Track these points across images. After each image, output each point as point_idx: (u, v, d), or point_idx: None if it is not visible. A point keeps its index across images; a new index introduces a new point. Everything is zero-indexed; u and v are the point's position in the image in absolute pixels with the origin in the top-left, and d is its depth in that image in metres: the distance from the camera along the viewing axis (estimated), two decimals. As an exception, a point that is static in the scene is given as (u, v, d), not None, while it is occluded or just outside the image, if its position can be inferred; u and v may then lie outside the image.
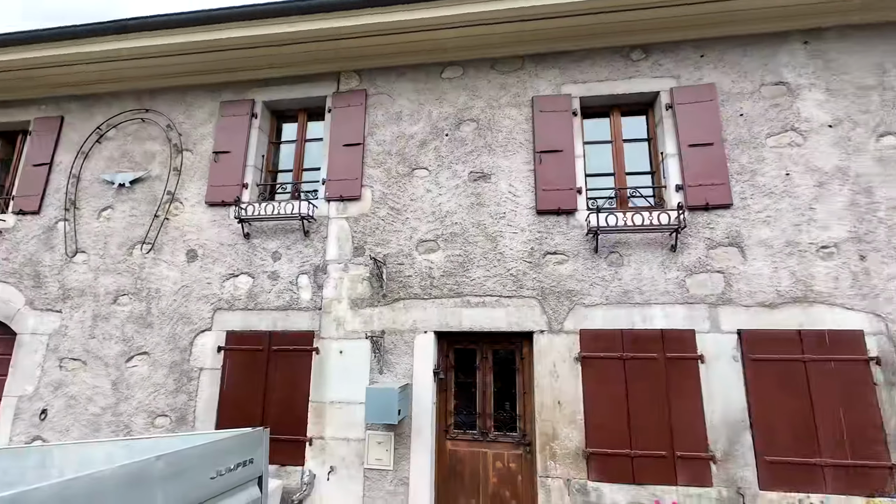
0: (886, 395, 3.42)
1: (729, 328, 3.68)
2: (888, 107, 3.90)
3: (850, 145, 3.89)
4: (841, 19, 4.07)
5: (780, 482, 3.38)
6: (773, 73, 4.13)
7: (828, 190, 3.84)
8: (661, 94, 4.25)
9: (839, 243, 3.73)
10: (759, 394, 3.55)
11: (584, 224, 4.03)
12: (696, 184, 3.95)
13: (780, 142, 3.98)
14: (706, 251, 3.84)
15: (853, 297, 3.61)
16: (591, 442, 3.64)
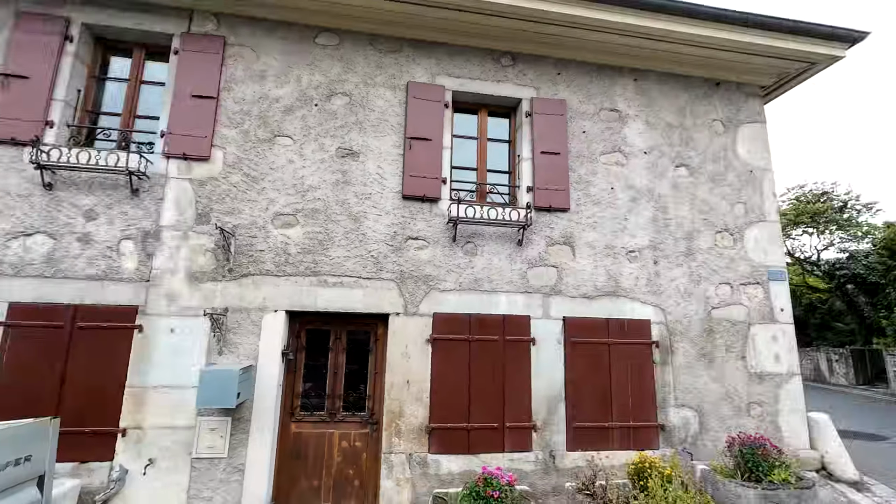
0: (660, 371, 4.35)
1: (557, 315, 4.26)
2: (683, 143, 4.90)
3: (656, 170, 4.79)
4: (659, 66, 4.95)
5: (582, 443, 4.06)
6: (610, 101, 4.85)
7: (638, 205, 4.67)
8: (522, 102, 4.65)
9: (642, 249, 4.58)
10: (573, 371, 4.19)
11: (446, 213, 4.22)
12: (544, 187, 4.45)
13: (609, 160, 4.70)
14: (545, 247, 4.37)
15: (647, 294, 4.49)
16: (434, 418, 3.88)
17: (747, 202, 4.91)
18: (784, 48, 4.62)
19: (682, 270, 4.61)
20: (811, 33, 4.55)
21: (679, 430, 4.28)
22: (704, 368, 4.45)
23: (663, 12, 4.33)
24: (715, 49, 4.69)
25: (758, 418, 4.46)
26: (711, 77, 5.08)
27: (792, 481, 3.27)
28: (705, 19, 4.42)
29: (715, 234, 4.77)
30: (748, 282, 4.73)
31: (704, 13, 4.37)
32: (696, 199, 4.80)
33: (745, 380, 4.51)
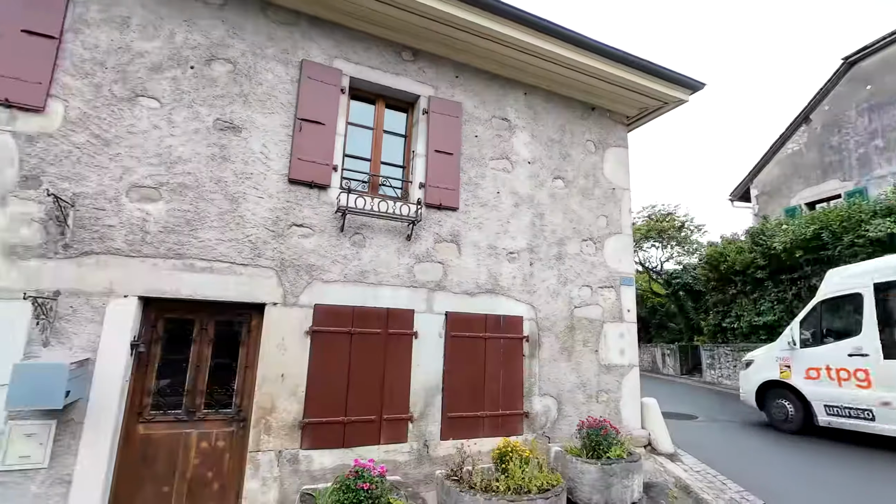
0: (528, 363, 4.76)
1: (440, 310, 4.40)
2: (561, 158, 5.41)
3: (537, 180, 5.22)
4: (546, 85, 5.40)
5: (455, 432, 4.26)
6: (502, 110, 5.15)
7: (520, 210, 5.04)
8: (421, 99, 4.70)
9: (520, 251, 4.96)
10: (452, 364, 4.38)
11: (334, 202, 4.08)
12: (435, 185, 4.56)
13: (497, 165, 5.00)
14: (433, 244, 4.48)
15: (522, 292, 4.87)
16: (309, 412, 3.74)
17: (609, 216, 5.61)
18: (644, 85, 5.36)
19: (552, 272, 5.10)
20: (663, 76, 5.36)
21: (541, 417, 4.74)
22: (565, 361, 4.98)
23: (546, 32, 4.70)
24: (592, 77, 5.25)
25: (604, 404, 5.14)
26: (588, 102, 5.70)
27: (625, 456, 3.83)
28: (585, 48, 4.92)
29: (581, 242, 5.36)
30: (605, 285, 5.41)
31: (585, 43, 4.88)
32: (568, 209, 5.34)
33: (597, 371, 5.16)
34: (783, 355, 7.09)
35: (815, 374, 6.56)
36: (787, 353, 7.03)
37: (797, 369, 6.83)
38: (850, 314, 6.53)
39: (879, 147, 13.93)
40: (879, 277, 6.17)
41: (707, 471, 4.79)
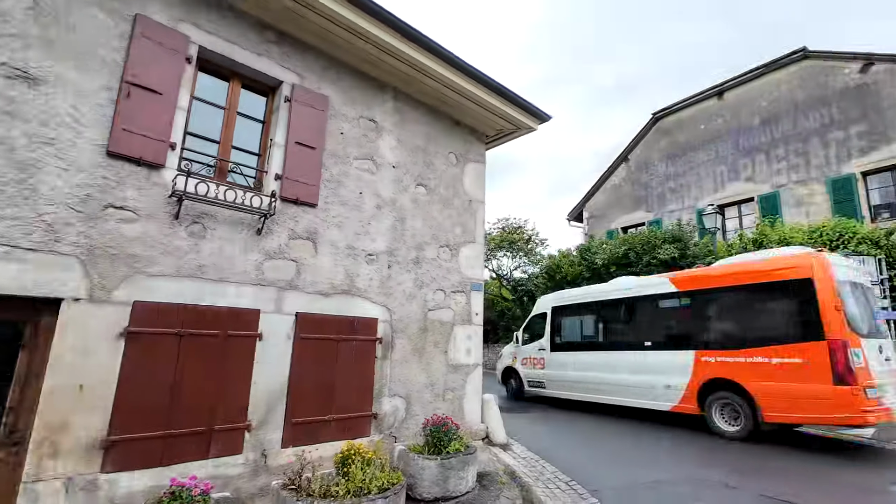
0: (380, 365, 4.80)
1: (290, 311, 4.17)
2: (426, 166, 5.62)
3: (401, 185, 5.32)
4: (415, 93, 5.56)
5: (299, 439, 4.06)
6: (370, 111, 5.13)
7: (382, 213, 5.08)
8: (283, 85, 4.41)
9: (379, 254, 4.99)
10: (300, 367, 4.17)
11: (169, 184, 3.56)
12: (294, 179, 4.31)
13: (362, 166, 4.96)
14: (287, 240, 4.23)
15: (378, 294, 4.90)
16: (117, 428, 3.17)
17: (465, 225, 6.01)
18: (501, 109, 5.89)
19: (410, 276, 5.25)
20: (518, 104, 5.97)
21: (389, 417, 4.81)
22: (416, 362, 5.16)
23: (412, 39, 4.78)
24: (456, 92, 5.55)
25: (450, 402, 5.46)
26: (453, 116, 6.04)
27: (462, 450, 4.12)
28: (450, 64, 5.15)
29: (439, 248, 5.63)
30: (457, 290, 5.77)
31: (451, 59, 5.09)
32: (429, 216, 5.56)
33: (445, 370, 5.46)
34: (513, 350, 10.86)
35: (525, 362, 10.36)
36: (515, 349, 10.81)
37: (519, 359, 10.61)
38: (541, 325, 10.19)
39: (672, 188, 17.61)
40: (555, 303, 9.99)
41: (532, 457, 5.43)
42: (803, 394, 5.73)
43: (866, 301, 6.31)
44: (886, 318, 8.60)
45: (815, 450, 5.89)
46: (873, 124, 12.55)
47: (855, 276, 6.34)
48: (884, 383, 5.66)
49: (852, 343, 5.55)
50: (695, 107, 17.14)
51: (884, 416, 5.47)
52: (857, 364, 5.47)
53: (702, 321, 7.14)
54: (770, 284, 6.41)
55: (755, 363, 6.26)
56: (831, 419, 5.66)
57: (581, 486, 4.38)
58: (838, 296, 5.72)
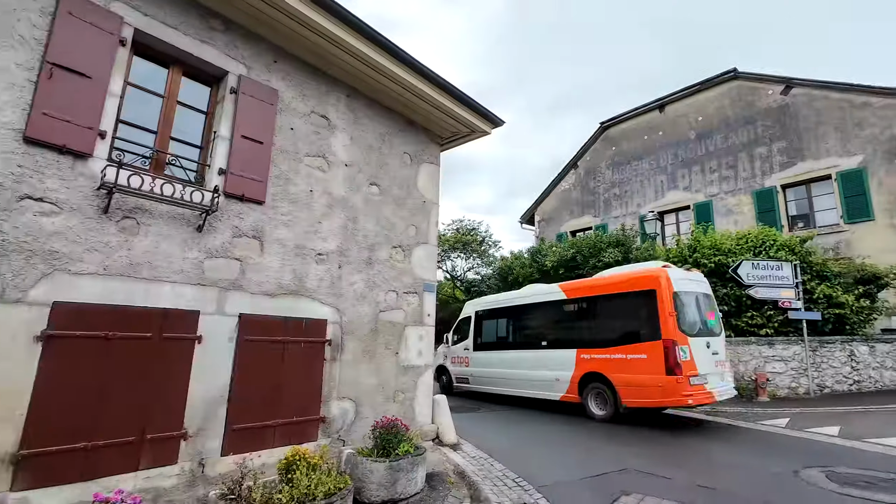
0: (329, 367, 4.69)
1: (233, 312, 3.98)
2: (379, 166, 5.57)
3: (354, 184, 5.24)
4: (370, 92, 5.50)
5: (241, 446, 3.88)
6: (323, 108, 5.01)
7: (333, 212, 4.97)
8: (229, 76, 4.22)
9: (330, 253, 4.88)
10: (244, 370, 3.99)
11: (98, 175, 3.30)
12: (239, 174, 4.13)
13: (313, 163, 4.83)
14: (231, 238, 4.04)
15: (328, 295, 4.79)
16: (31, 441, 2.89)
17: (418, 226, 6.00)
18: (455, 112, 5.93)
19: (361, 276, 5.17)
20: (472, 107, 6.04)
21: (338, 421, 4.71)
22: (366, 364, 5.09)
23: (364, 35, 4.71)
24: (410, 92, 5.52)
25: (400, 403, 5.43)
26: (408, 116, 6.02)
27: (412, 451, 4.11)
28: (405, 63, 5.12)
29: (391, 249, 5.59)
30: (409, 291, 5.75)
31: (405, 58, 5.08)
32: (381, 216, 5.51)
33: (396, 372, 5.42)
34: (445, 350, 11.74)
35: (454, 361, 11.35)
36: (446, 349, 11.72)
37: (449, 358, 11.59)
38: (467, 327, 11.22)
39: (617, 194, 18.50)
40: (477, 308, 11.09)
41: (481, 456, 5.51)
42: (647, 383, 7.01)
43: (699, 306, 7.58)
44: (799, 317, 9.51)
45: (714, 435, 6.41)
46: (792, 142, 13.83)
47: (692, 287, 7.61)
48: (707, 372, 7.02)
49: (681, 342, 6.85)
50: (639, 118, 18.14)
51: (704, 398, 6.85)
52: (684, 359, 6.77)
53: (582, 324, 8.50)
54: (628, 294, 7.71)
55: (617, 359, 7.54)
56: (665, 402, 6.94)
57: (528, 483, 4.49)
58: (673, 303, 7.02)
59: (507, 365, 9.69)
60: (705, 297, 7.87)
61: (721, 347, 7.70)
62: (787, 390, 9.46)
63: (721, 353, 7.61)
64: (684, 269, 8.26)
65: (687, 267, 8.48)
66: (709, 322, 7.66)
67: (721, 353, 7.61)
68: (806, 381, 9.42)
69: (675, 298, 7.10)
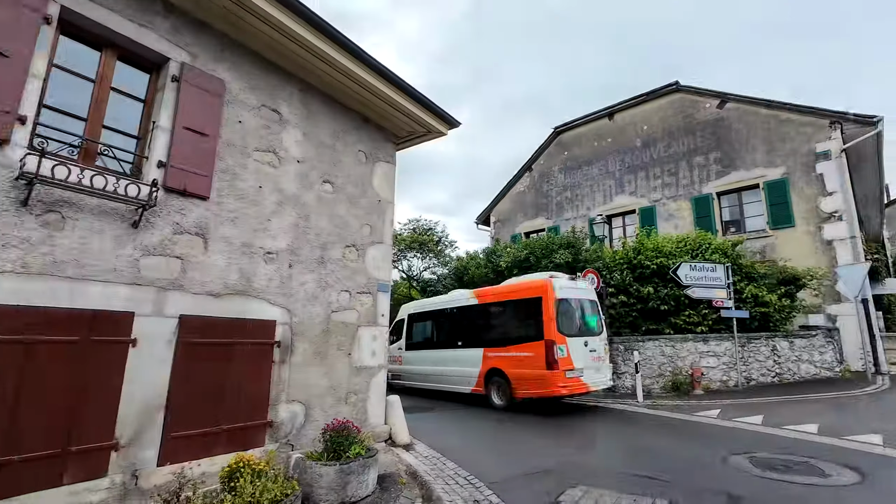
0: (278, 370, 4.54)
1: (172, 313, 3.76)
2: (332, 163, 5.45)
3: (306, 181, 5.10)
4: (324, 88, 5.37)
5: (180, 454, 3.68)
6: (274, 101, 4.84)
7: (284, 209, 4.81)
8: (170, 63, 3.98)
9: (280, 252, 4.72)
10: (184, 375, 3.78)
11: (16, 164, 3.01)
12: (181, 167, 3.91)
13: (263, 158, 4.65)
14: (171, 235, 3.82)
15: (277, 295, 4.63)
16: (-69, 459, 2.60)
17: (373, 225, 5.94)
18: (411, 111, 5.91)
19: (313, 276, 5.04)
20: (427, 107, 6.03)
21: (287, 425, 4.57)
22: (317, 365, 4.97)
23: (316, 27, 4.58)
24: (366, 90, 5.45)
25: (352, 405, 5.34)
26: (363, 114, 5.94)
27: (363, 453, 4.06)
28: (354, 56, 4.99)
29: (345, 248, 5.49)
30: (363, 291, 5.68)
31: (354, 51, 4.95)
32: (335, 214, 5.40)
33: (348, 373, 5.33)
34: None
35: (391, 359, 10.67)
36: None
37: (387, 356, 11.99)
38: (401, 328, 11.98)
39: (568, 197, 19.14)
40: (410, 310, 11.84)
41: (434, 455, 5.53)
42: (532, 376, 8.09)
43: (580, 311, 8.75)
44: (730, 315, 10.26)
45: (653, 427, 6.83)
46: (726, 153, 14.89)
47: (574, 294, 8.73)
48: (583, 367, 8.18)
49: (559, 341, 7.92)
50: (590, 125, 18.87)
51: (579, 388, 8.06)
52: (561, 356, 7.86)
53: (487, 326, 9.60)
54: (521, 300, 8.84)
55: (512, 356, 8.61)
56: (546, 393, 7.90)
57: (479, 480, 4.56)
58: (556, 309, 8.11)
59: (430, 363, 10.74)
60: (588, 302, 9.02)
61: (600, 345, 8.77)
62: (719, 383, 10.18)
63: (599, 350, 8.70)
64: (569, 278, 9.16)
65: (571, 277, 9.32)
66: (589, 324, 8.81)
67: (599, 350, 8.70)
68: (735, 375, 10.17)
69: (558, 304, 8.19)
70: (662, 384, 10.27)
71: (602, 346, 8.88)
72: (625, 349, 10.74)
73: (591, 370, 8.38)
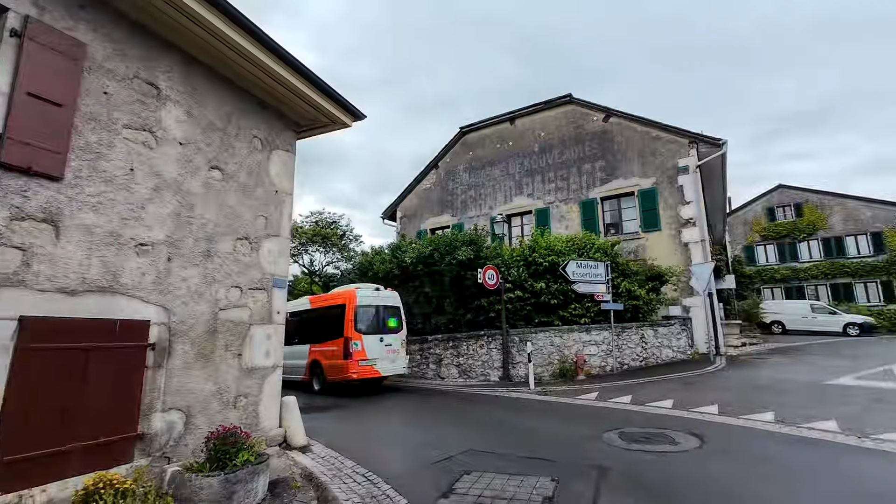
0: (151, 375, 4.06)
1: (9, 314, 3.15)
2: (224, 148, 5.00)
3: (190, 166, 4.61)
4: (214, 64, 4.89)
5: (17, 481, 3.11)
6: (151, 73, 4.29)
7: (162, 196, 4.30)
8: (9, 14, 3.31)
9: (157, 244, 4.21)
10: (25, 386, 3.20)
11: None
12: (25, 141, 3.28)
13: (136, 137, 4.10)
14: (9, 221, 3.19)
15: (152, 292, 4.13)
16: None
17: (269, 217, 5.57)
18: (312, 98, 5.61)
19: (197, 271, 4.59)
20: (329, 95, 5.78)
21: (162, 436, 4.11)
22: (201, 368, 4.54)
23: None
24: (262, 71, 5.06)
25: (242, 409, 4.98)
26: (260, 97, 5.53)
27: (252, 460, 3.81)
28: (247, 32, 4.58)
29: (236, 241, 5.08)
30: (257, 287, 5.31)
31: (246, 26, 4.55)
32: (224, 204, 4.96)
33: (238, 375, 4.96)
34: None
35: None
36: None
37: None
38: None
39: (472, 196, 19.84)
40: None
41: (332, 455, 5.39)
42: (336, 365, 10.24)
43: (378, 315, 10.80)
44: (609, 308, 11.52)
45: (540, 411, 7.50)
46: (609, 162, 16.61)
47: (374, 302, 10.81)
48: (377, 357, 10.28)
49: (354, 338, 10.07)
50: (493, 127, 19.74)
51: (370, 373, 10.11)
52: (356, 349, 10.00)
53: (313, 326, 11.60)
54: (333, 306, 11.00)
55: (325, 350, 10.83)
56: (343, 377, 9.98)
57: (377, 476, 4.55)
58: (355, 313, 10.26)
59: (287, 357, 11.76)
60: (390, 307, 11.13)
61: (396, 341, 10.87)
62: (598, 368, 11.38)
63: (395, 345, 10.79)
64: (374, 289, 11.15)
65: (376, 288, 11.27)
66: (388, 324, 10.87)
67: (395, 345, 10.79)
68: (612, 361, 11.46)
69: (358, 310, 10.34)
70: (552, 371, 11.18)
71: (399, 341, 10.93)
72: (519, 340, 11.49)
73: (384, 360, 10.45)
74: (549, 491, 3.99)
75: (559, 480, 4.23)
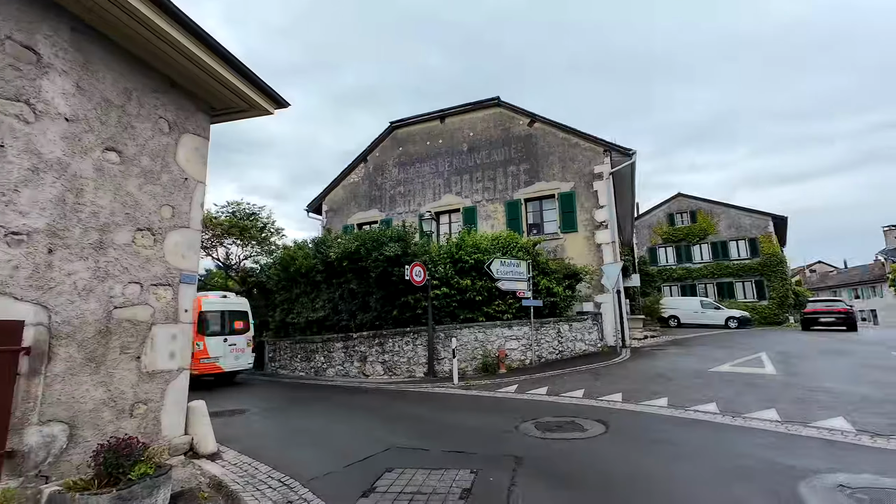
0: (25, 384, 3.55)
1: None
2: (123, 128, 4.49)
3: (79, 145, 4.08)
4: (112, 33, 4.35)
5: None
6: (29, 36, 3.72)
7: (43, 178, 3.76)
8: None
9: (34, 233, 3.68)
10: None
11: None
12: None
13: (7, 109, 3.54)
14: None
15: (27, 289, 3.60)
16: None
17: (176, 207, 5.10)
18: (228, 80, 5.16)
19: (86, 265, 4.08)
20: (249, 79, 5.37)
21: (38, 452, 3.61)
22: (90, 374, 4.05)
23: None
24: (165, 43, 4.56)
25: (141, 417, 4.52)
26: (168, 75, 5.03)
27: (151, 472, 3.48)
28: None
29: (136, 232, 4.59)
30: (160, 283, 4.84)
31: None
32: (122, 190, 4.46)
33: (136, 380, 4.49)
34: None
35: None
36: None
37: None
38: None
39: (401, 192, 19.74)
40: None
41: (245, 461, 5.09)
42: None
43: (222, 318, 12.14)
44: (529, 304, 12.09)
45: (461, 405, 7.75)
46: (532, 165, 17.41)
47: (218, 307, 12.17)
48: (220, 356, 11.64)
49: (197, 339, 10.73)
50: (423, 124, 19.78)
51: (213, 369, 11.47)
52: (198, 349, 11.08)
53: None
54: None
55: None
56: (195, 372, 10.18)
57: (294, 480, 4.38)
58: (199, 316, 11.26)
59: None
60: (236, 311, 12.53)
61: (242, 340, 12.31)
62: (518, 362, 11.93)
63: (240, 344, 12.24)
64: (221, 295, 12.70)
65: (223, 295, 12.82)
66: (233, 327, 12.21)
67: (240, 344, 12.24)
68: (531, 354, 12.06)
69: (202, 314, 11.52)
70: (475, 366, 11.51)
71: (245, 341, 12.42)
72: (444, 336, 11.68)
73: (228, 358, 11.88)
74: (468, 483, 4.11)
75: (478, 472, 4.37)
